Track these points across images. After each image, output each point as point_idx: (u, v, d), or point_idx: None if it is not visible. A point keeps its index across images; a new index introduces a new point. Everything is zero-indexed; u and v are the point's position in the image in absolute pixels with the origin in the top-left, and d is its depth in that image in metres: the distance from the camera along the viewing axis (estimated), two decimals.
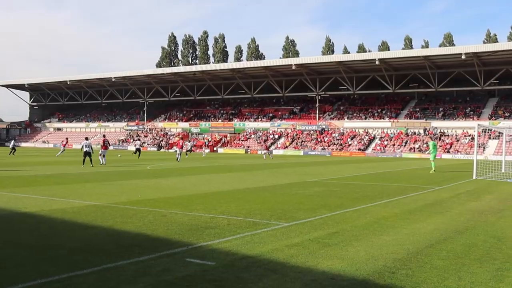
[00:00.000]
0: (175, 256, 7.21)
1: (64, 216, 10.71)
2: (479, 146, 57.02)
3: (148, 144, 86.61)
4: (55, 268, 6.49)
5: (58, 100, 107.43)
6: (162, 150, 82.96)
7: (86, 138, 31.14)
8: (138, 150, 44.99)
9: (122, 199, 13.70)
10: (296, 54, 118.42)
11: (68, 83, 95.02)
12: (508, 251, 7.98)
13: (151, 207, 12.23)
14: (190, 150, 50.79)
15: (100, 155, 31.48)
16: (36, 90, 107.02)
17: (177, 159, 39.14)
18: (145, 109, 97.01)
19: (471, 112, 72.22)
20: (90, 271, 6.35)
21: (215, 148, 79.38)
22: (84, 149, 29.87)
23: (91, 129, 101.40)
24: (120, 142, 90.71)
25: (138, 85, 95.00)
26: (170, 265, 6.69)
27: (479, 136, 62.89)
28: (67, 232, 9.10)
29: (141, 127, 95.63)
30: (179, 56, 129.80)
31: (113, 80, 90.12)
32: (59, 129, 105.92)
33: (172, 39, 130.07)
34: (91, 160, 29.77)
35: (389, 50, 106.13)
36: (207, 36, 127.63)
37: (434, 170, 28.73)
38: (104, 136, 30.98)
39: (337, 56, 79.18)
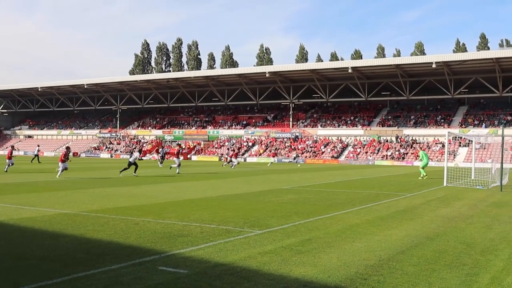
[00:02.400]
0: (147, 264, 7.16)
1: (34, 225, 10.54)
2: (449, 154, 57.95)
3: (121, 151, 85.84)
4: (24, 277, 6.39)
5: (29, 107, 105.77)
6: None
7: (140, 151, 33.32)
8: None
9: (94, 207, 13.55)
10: (270, 62, 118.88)
11: (39, 89, 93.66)
12: (477, 256, 8.11)
13: (124, 215, 12.13)
14: (163, 157, 50.34)
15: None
16: (6, 97, 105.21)
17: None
18: (118, 116, 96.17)
19: (442, 120, 73.34)
20: (61, 280, 6.27)
21: (188, 156, 79.05)
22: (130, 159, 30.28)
23: (63, 136, 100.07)
24: (93, 150, 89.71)
25: (111, 92, 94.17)
26: (142, 274, 6.64)
27: (450, 143, 63.90)
28: (36, 241, 8.96)
29: (114, 134, 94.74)
30: (153, 64, 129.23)
31: (85, 87, 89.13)
32: (30, 136, 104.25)
33: (146, 46, 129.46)
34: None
35: (361, 58, 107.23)
36: (181, 44, 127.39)
37: (423, 176, 29.57)
38: (67, 148, 28.98)
39: (311, 64, 79.69)
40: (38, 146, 57.52)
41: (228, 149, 71.47)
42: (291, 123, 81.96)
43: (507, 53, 61.91)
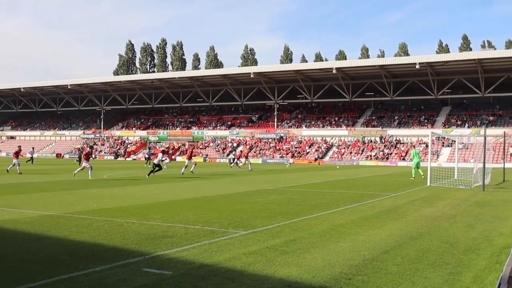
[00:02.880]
0: (131, 266, 7.12)
1: (16, 227, 10.43)
2: (433, 154, 58.37)
3: (105, 152, 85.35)
4: (6, 280, 6.31)
5: (11, 108, 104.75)
6: (119, 158, 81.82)
7: (163, 152, 33.29)
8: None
9: (77, 209, 13.44)
10: (254, 62, 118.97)
11: (22, 90, 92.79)
12: (460, 255, 8.18)
13: (108, 216, 12.05)
14: (149, 158, 50.07)
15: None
16: None
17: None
18: (102, 117, 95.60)
19: (425, 121, 73.91)
20: (44, 282, 6.20)
21: (173, 157, 78.82)
22: (155, 161, 30.34)
23: (46, 137, 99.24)
24: (76, 151, 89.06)
25: (95, 92, 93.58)
26: (127, 275, 6.60)
27: (433, 143, 64.42)
28: (19, 243, 8.87)
29: (98, 135, 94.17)
30: (137, 64, 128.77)
31: (69, 87, 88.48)
32: (12, 137, 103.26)
33: (130, 46, 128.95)
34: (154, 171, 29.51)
35: (346, 59, 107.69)
36: (166, 44, 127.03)
37: (422, 175, 29.64)
38: (91, 147, 29.73)
39: (295, 65, 79.89)
40: (33, 148, 57.18)
41: (234, 150, 70.95)
42: (275, 123, 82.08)
43: (489, 54, 62.62)
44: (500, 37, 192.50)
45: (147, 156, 51.51)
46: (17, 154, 33.09)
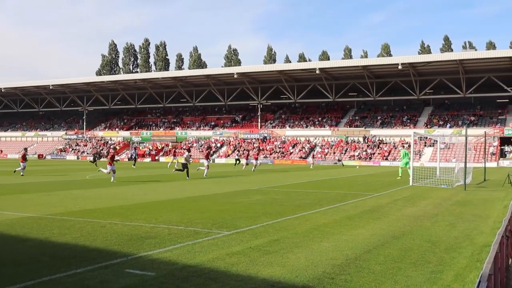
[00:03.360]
0: (114, 267, 7.08)
1: None
2: (415, 154, 58.83)
3: (87, 153, 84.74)
4: None
5: None
6: (102, 159, 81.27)
7: (188, 150, 33.40)
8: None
9: (59, 210, 13.34)
10: (238, 63, 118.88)
11: (2, 90, 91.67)
12: (441, 254, 8.26)
13: (90, 217, 11.97)
14: (135, 159, 49.75)
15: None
16: None
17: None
18: (84, 117, 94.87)
19: (408, 121, 74.44)
20: (24, 285, 6.15)
21: (156, 157, 78.52)
22: (183, 161, 30.47)
23: (28, 138, 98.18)
24: (58, 152, 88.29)
25: (77, 93, 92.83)
26: (109, 277, 6.56)
27: (415, 143, 64.91)
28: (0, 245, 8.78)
29: (80, 136, 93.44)
30: (120, 64, 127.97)
31: (51, 88, 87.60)
32: None
33: (113, 46, 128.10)
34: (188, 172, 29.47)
35: (329, 59, 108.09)
36: (149, 44, 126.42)
37: (401, 176, 29.85)
38: (115, 148, 29.29)
39: (278, 65, 79.95)
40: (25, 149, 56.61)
41: (238, 150, 70.47)
42: (259, 124, 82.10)
43: (470, 55, 63.29)
44: (481, 38, 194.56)
45: (134, 156, 51.11)
46: (24, 157, 32.46)
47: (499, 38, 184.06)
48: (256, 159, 43.15)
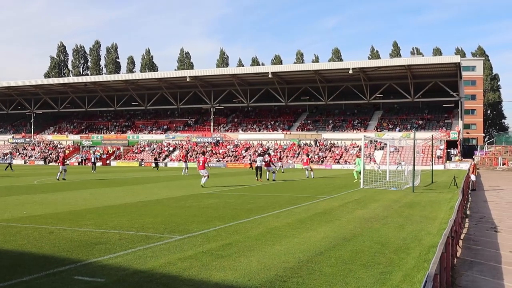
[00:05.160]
0: (62, 275, 6.91)
1: None
2: (366, 157, 59.82)
3: (35, 157, 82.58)
4: None
5: None
6: (51, 164, 79.33)
7: (260, 155, 34.51)
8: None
9: (4, 216, 12.93)
10: (191, 66, 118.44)
11: None
12: (391, 255, 8.42)
13: (37, 223, 11.66)
14: (95, 163, 48.67)
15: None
16: None
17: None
18: (32, 121, 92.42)
19: (359, 124, 75.72)
20: None
21: (107, 161, 77.22)
22: (258, 164, 31.80)
23: None
24: (4, 156, 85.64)
25: (25, 95, 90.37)
26: (57, 284, 6.40)
27: (366, 147, 66.05)
28: None
29: (28, 140, 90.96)
30: (70, 67, 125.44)
31: None
32: None
33: (62, 48, 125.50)
34: (260, 174, 31.19)
35: (282, 63, 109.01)
36: (99, 46, 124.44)
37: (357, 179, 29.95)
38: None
39: (231, 69, 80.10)
40: (11, 153, 55.10)
41: (251, 155, 68.54)
42: (212, 127, 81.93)
43: (418, 60, 65.10)
44: (428, 44, 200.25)
45: (92, 161, 49.96)
46: (63, 160, 31.55)
47: (445, 44, 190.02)
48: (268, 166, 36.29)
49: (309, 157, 44.80)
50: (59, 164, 29.90)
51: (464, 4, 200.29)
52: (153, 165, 57.43)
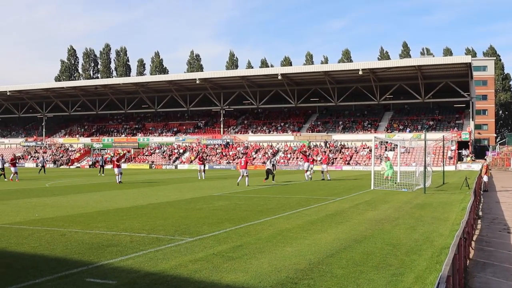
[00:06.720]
0: (74, 277, 6.94)
1: None
2: (376, 158, 59.65)
3: (47, 160, 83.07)
4: None
5: None
6: (62, 166, 79.77)
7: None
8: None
9: (17, 219, 13.01)
10: (200, 68, 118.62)
11: None
12: (402, 257, 8.38)
13: (49, 226, 11.71)
14: (103, 166, 48.91)
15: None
16: None
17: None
18: (43, 124, 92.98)
19: (369, 126, 75.45)
20: None
21: (118, 163, 77.41)
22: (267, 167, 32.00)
23: None
24: (17, 160, 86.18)
25: (36, 99, 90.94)
26: (69, 286, 6.43)
27: (376, 148, 65.82)
28: None
29: (39, 143, 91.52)
30: (80, 70, 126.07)
31: (8, 94, 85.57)
32: None
33: (72, 52, 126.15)
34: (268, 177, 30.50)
35: (291, 65, 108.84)
36: (109, 50, 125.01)
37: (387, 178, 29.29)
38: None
39: (241, 71, 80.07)
40: (43, 157, 55.90)
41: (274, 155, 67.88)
42: (222, 129, 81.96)
43: (428, 61, 64.75)
44: (438, 44, 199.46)
45: (100, 164, 50.26)
46: (118, 163, 32.37)
47: (455, 44, 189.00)
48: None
49: (326, 154, 43.81)
50: (113, 167, 30.55)
51: (474, 4, 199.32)
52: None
